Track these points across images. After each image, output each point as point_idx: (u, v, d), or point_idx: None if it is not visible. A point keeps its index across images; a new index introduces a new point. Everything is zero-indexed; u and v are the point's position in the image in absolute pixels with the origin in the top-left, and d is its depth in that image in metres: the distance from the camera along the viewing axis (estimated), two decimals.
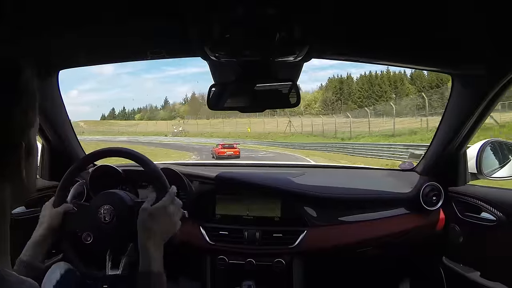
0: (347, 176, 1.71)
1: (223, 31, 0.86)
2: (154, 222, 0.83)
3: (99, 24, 0.89)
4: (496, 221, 1.15)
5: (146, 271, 0.78)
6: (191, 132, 41.82)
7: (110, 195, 1.00)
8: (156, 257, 0.80)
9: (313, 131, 27.40)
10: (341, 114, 27.01)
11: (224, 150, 17.88)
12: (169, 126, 47.73)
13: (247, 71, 1.07)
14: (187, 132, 42.35)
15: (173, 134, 42.62)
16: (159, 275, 0.79)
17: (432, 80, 41.53)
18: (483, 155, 1.31)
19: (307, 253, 1.35)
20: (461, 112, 1.20)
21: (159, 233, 0.83)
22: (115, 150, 1.04)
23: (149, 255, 0.79)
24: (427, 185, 1.37)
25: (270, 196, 1.39)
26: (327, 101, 45.33)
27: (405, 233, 1.38)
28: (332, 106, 40.77)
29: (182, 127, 44.95)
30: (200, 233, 1.36)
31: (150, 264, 0.79)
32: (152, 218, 0.84)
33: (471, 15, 0.80)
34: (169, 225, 0.86)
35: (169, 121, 54.42)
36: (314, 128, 27.71)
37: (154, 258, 0.80)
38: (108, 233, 0.95)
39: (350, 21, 0.87)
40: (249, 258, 1.32)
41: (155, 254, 0.80)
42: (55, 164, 1.41)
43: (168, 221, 0.86)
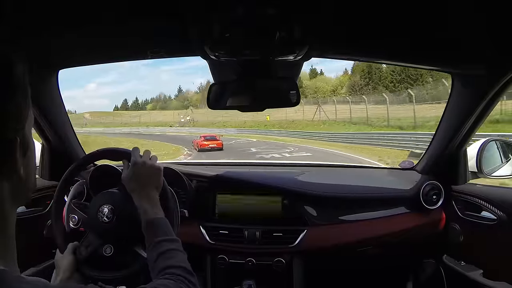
0: (347, 175, 1.71)
1: (223, 30, 0.86)
2: (134, 179, 0.89)
3: (99, 24, 0.89)
4: (496, 220, 1.15)
5: (145, 221, 0.83)
6: (201, 122, 36.44)
7: (110, 194, 1.00)
8: (152, 205, 0.86)
9: (351, 118, 21.20)
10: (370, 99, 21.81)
11: (207, 142, 16.99)
12: (175, 116, 41.86)
13: (247, 70, 1.07)
14: (196, 122, 37.24)
15: (179, 124, 38.07)
16: (160, 219, 0.83)
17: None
18: (483, 153, 1.31)
19: (307, 252, 1.35)
20: (461, 111, 1.20)
21: (145, 185, 0.89)
22: (115, 150, 1.05)
23: (145, 207, 0.85)
24: (428, 184, 1.37)
25: (270, 195, 1.39)
26: (354, 86, 40.37)
27: (405, 232, 1.38)
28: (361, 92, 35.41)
29: (191, 116, 39.12)
30: (200, 232, 1.36)
31: (148, 213, 0.84)
32: (130, 177, 0.90)
33: (471, 15, 0.80)
34: (148, 171, 0.91)
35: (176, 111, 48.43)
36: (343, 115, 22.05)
37: (150, 206, 0.85)
38: (109, 232, 0.96)
39: (350, 20, 0.87)
40: (249, 258, 1.32)
41: (150, 203, 0.86)
42: (55, 164, 1.41)
43: (145, 168, 0.90)
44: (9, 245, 0.45)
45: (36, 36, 0.91)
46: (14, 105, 0.42)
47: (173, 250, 0.75)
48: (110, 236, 0.96)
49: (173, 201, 1.06)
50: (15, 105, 0.43)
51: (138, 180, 0.89)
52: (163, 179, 0.95)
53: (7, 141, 0.42)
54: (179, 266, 0.70)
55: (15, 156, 0.43)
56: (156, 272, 0.70)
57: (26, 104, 0.45)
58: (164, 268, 0.70)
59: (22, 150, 0.44)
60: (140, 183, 0.89)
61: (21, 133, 0.44)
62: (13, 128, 0.42)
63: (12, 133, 0.42)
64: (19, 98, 0.43)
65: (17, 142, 0.43)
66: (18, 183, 0.45)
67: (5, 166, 0.42)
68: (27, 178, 0.47)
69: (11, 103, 0.42)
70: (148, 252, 0.77)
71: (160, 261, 0.72)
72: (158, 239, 0.77)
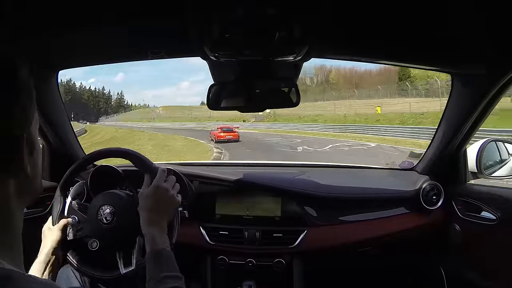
0: (347, 176, 1.71)
1: (222, 31, 0.86)
2: (151, 202, 0.86)
3: (99, 24, 0.89)
4: (496, 220, 1.15)
5: (153, 251, 0.79)
6: (284, 116, 31.62)
7: (110, 195, 1.00)
8: (161, 236, 0.82)
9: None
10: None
11: (224, 134, 17.80)
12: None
13: (247, 71, 1.07)
14: (277, 116, 32.30)
15: (257, 118, 33.40)
16: (167, 252, 0.80)
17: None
18: (483, 154, 1.32)
19: (307, 253, 1.34)
20: (461, 111, 1.20)
21: (160, 213, 0.86)
22: (114, 150, 1.05)
23: (154, 236, 0.81)
24: (427, 184, 1.37)
25: (270, 196, 1.39)
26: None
27: (405, 233, 1.38)
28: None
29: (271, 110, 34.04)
30: (200, 233, 1.36)
31: (156, 245, 0.80)
32: (148, 198, 0.87)
33: (471, 15, 0.80)
34: (167, 201, 0.89)
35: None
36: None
37: (159, 237, 0.82)
38: (109, 233, 0.96)
39: (349, 21, 0.87)
40: (249, 258, 1.32)
41: (158, 234, 0.82)
42: (55, 165, 1.41)
43: (165, 197, 0.88)
44: (16, 244, 0.45)
45: (36, 36, 0.91)
46: (19, 107, 0.43)
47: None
48: (109, 237, 0.96)
49: None
50: (20, 107, 0.44)
51: (155, 204, 0.87)
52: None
53: (14, 138, 0.43)
54: None
55: (22, 154, 0.44)
56: None
57: (31, 105, 0.47)
58: None
59: (28, 149, 0.45)
60: (156, 209, 0.86)
61: (27, 132, 0.45)
62: (19, 127, 0.43)
63: (19, 131, 0.43)
64: (24, 100, 0.45)
65: (24, 139, 0.44)
66: (25, 182, 0.46)
67: (12, 164, 0.43)
68: (33, 177, 0.47)
69: (17, 105, 0.43)
70: (149, 284, 0.74)
71: None
72: (164, 275, 0.74)
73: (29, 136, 0.46)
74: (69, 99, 76.97)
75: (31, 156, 0.46)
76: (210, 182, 1.42)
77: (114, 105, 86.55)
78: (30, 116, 0.46)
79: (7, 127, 0.42)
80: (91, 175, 1.19)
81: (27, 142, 0.45)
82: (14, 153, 0.43)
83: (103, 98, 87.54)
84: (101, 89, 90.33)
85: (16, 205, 0.45)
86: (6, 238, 0.43)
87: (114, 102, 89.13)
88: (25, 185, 0.46)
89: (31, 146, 0.46)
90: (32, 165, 0.47)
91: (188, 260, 1.42)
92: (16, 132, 0.43)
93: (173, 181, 0.93)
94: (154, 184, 0.89)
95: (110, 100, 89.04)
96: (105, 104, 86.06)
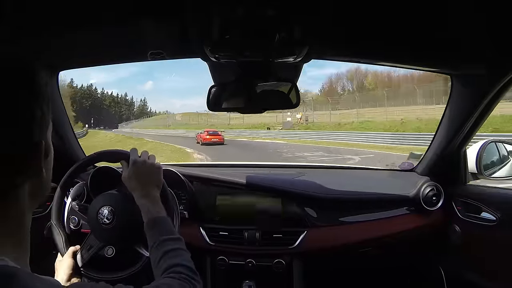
0: (347, 177, 1.71)
1: (222, 32, 0.86)
2: (135, 178, 0.90)
3: (99, 25, 0.89)
4: (496, 221, 1.15)
5: (150, 218, 0.82)
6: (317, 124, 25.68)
7: (110, 196, 1.00)
8: (154, 204, 0.86)
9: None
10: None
11: (210, 137, 18.97)
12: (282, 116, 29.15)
13: (247, 72, 1.07)
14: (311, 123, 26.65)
15: (284, 126, 27.48)
16: (163, 218, 0.83)
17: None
18: (483, 155, 1.32)
19: (307, 254, 1.34)
20: (461, 112, 1.20)
21: (146, 184, 0.89)
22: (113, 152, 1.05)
23: (148, 207, 0.85)
24: (427, 185, 1.37)
25: (271, 197, 1.39)
26: None
27: (405, 233, 1.38)
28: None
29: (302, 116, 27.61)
30: (200, 233, 1.36)
31: (151, 213, 0.83)
32: (131, 177, 0.90)
33: (471, 15, 0.80)
34: (148, 170, 0.92)
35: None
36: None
37: (152, 206, 0.85)
38: (109, 233, 0.96)
39: (349, 22, 0.87)
40: (249, 259, 1.32)
41: (151, 203, 0.86)
42: (55, 166, 1.40)
43: (145, 168, 0.92)
44: (24, 244, 0.46)
45: (36, 37, 0.91)
46: (39, 111, 0.44)
47: (177, 249, 0.76)
48: (111, 237, 0.96)
49: (173, 202, 1.06)
50: (40, 110, 0.45)
51: (139, 179, 0.90)
52: (163, 178, 0.95)
53: (34, 144, 0.44)
54: (183, 265, 0.70)
55: (40, 159, 0.45)
56: (161, 271, 0.70)
57: (48, 110, 0.47)
58: (168, 267, 0.70)
59: (44, 153, 0.46)
60: (141, 181, 0.90)
61: (44, 137, 0.46)
62: (38, 132, 0.44)
63: (38, 136, 0.44)
64: (42, 104, 0.45)
65: (42, 145, 0.45)
66: (39, 185, 0.47)
67: (31, 168, 0.44)
68: (47, 180, 0.49)
69: (37, 109, 0.44)
70: (152, 251, 0.77)
71: (164, 260, 0.72)
72: (163, 238, 0.77)
73: (46, 141, 0.46)
74: (89, 104, 76.34)
75: (46, 160, 0.47)
76: (210, 183, 1.42)
77: (136, 112, 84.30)
78: (47, 120, 0.47)
79: (29, 132, 0.43)
80: (91, 176, 1.19)
81: (45, 145, 0.46)
82: (33, 158, 0.44)
83: (125, 104, 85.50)
84: (124, 95, 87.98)
85: (28, 206, 0.46)
86: (15, 237, 0.44)
87: (137, 108, 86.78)
88: (39, 187, 0.47)
89: (47, 150, 0.47)
90: (47, 168, 0.48)
91: None
92: (36, 137, 0.44)
93: (146, 154, 0.97)
94: (131, 162, 0.92)
95: (133, 107, 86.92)
96: (127, 110, 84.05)
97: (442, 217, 1.38)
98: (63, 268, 0.94)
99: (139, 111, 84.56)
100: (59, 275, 0.94)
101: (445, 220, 1.38)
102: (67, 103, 45.92)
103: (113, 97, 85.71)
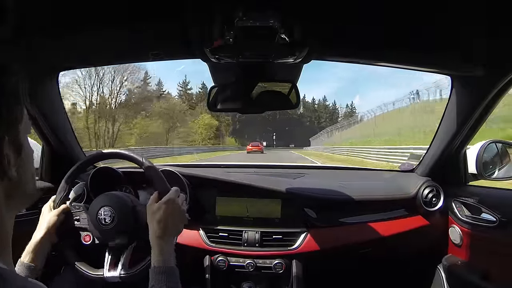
0: (347, 178, 1.71)
1: (223, 33, 0.86)
2: (164, 215, 0.85)
3: (99, 26, 0.89)
4: (496, 222, 1.15)
5: (160, 265, 0.79)
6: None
7: (110, 196, 1.00)
8: (169, 251, 0.83)
9: None
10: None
11: (252, 147, 29.03)
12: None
13: (247, 73, 1.07)
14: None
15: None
16: (173, 269, 0.81)
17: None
18: (483, 155, 1.31)
19: (307, 255, 1.34)
20: (460, 113, 1.20)
21: (170, 225, 0.85)
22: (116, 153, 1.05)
23: (162, 249, 0.82)
24: (427, 186, 1.37)
25: (270, 198, 1.39)
26: None
27: (405, 234, 1.37)
28: None
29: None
30: (200, 234, 1.36)
31: (163, 259, 0.80)
32: (161, 211, 0.86)
33: (471, 15, 0.80)
34: (178, 216, 0.89)
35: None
36: None
37: (167, 251, 0.82)
38: (108, 234, 0.96)
39: (349, 23, 0.87)
40: (249, 260, 1.32)
41: (166, 247, 0.83)
42: (55, 166, 1.40)
43: (177, 212, 0.88)
44: (4, 245, 0.45)
45: (36, 37, 0.91)
46: (5, 110, 0.43)
47: None
48: (110, 238, 0.96)
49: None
50: (6, 109, 0.43)
51: (166, 219, 0.86)
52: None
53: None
54: None
55: (2, 153, 0.43)
56: None
57: (19, 105, 0.46)
58: None
59: (14, 150, 0.45)
60: (166, 222, 0.85)
61: (11, 133, 0.44)
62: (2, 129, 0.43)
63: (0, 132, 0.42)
64: (11, 103, 0.44)
65: (5, 139, 0.43)
66: (11, 185, 0.45)
67: None
68: (22, 180, 0.47)
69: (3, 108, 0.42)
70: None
71: None
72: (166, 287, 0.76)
73: (15, 138, 0.45)
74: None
75: (18, 157, 0.46)
76: (210, 184, 1.42)
77: (341, 120, 58.87)
78: (17, 116, 0.45)
79: None
80: (91, 177, 1.19)
81: (13, 143, 0.44)
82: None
83: (325, 112, 68.61)
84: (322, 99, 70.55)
85: (5, 208, 0.45)
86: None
87: (342, 115, 66.45)
88: (13, 188, 0.45)
89: (18, 147, 0.46)
90: (20, 167, 0.46)
91: (187, 262, 1.43)
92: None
93: (183, 199, 0.94)
94: (168, 198, 0.88)
95: (336, 115, 68.00)
96: (328, 119, 65.49)
97: (442, 218, 1.38)
98: (48, 219, 0.95)
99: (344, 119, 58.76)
100: (41, 223, 0.95)
101: (445, 221, 1.38)
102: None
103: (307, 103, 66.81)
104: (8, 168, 0.43)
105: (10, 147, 0.44)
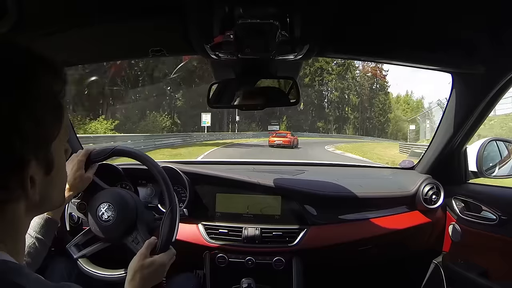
0: (347, 175, 1.71)
1: (223, 29, 0.85)
2: (146, 272, 0.83)
3: (99, 23, 0.89)
4: (496, 220, 1.15)
5: None
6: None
7: (111, 193, 1.01)
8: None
9: None
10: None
11: (274, 138, 18.62)
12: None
13: (248, 70, 1.07)
14: None
15: None
16: None
17: None
18: (483, 153, 1.31)
19: (307, 252, 1.35)
20: (461, 110, 1.20)
21: (148, 281, 0.83)
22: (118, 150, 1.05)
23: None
24: (427, 183, 1.37)
25: (270, 194, 1.39)
26: None
27: (405, 232, 1.38)
28: None
29: None
30: (199, 231, 1.36)
31: None
32: (146, 267, 0.83)
33: (471, 15, 0.80)
34: (159, 276, 0.86)
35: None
36: None
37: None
38: (108, 230, 0.96)
39: (350, 20, 0.86)
40: (248, 256, 1.32)
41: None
42: None
43: (159, 273, 0.86)
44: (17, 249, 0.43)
45: (36, 36, 0.91)
46: (30, 122, 0.37)
47: None
48: (110, 234, 0.97)
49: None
50: (32, 121, 0.37)
51: (151, 279, 0.83)
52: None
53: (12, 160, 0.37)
54: None
55: (24, 177, 0.38)
56: None
57: (53, 120, 0.40)
58: None
59: (44, 169, 0.40)
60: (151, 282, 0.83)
61: (41, 152, 0.39)
62: (21, 147, 0.37)
63: (20, 151, 0.37)
64: (40, 113, 0.38)
65: (31, 162, 0.38)
66: (33, 204, 0.41)
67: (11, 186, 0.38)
68: (46, 198, 0.43)
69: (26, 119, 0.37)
70: None
71: None
72: None
73: (46, 154, 0.40)
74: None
75: (46, 176, 0.41)
76: (210, 181, 1.42)
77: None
78: (50, 132, 0.40)
79: (6, 145, 0.35)
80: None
81: (44, 161, 0.40)
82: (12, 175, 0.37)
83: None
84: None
85: (24, 218, 0.42)
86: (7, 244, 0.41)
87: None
88: (34, 206, 0.42)
89: (49, 166, 0.41)
90: (48, 185, 0.42)
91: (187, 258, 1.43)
92: (17, 151, 0.37)
93: (173, 254, 0.91)
94: (161, 262, 0.86)
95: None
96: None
97: (442, 215, 1.39)
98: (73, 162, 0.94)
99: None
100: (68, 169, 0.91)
101: (445, 218, 1.38)
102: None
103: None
104: (31, 191, 0.39)
105: (38, 168, 0.39)
